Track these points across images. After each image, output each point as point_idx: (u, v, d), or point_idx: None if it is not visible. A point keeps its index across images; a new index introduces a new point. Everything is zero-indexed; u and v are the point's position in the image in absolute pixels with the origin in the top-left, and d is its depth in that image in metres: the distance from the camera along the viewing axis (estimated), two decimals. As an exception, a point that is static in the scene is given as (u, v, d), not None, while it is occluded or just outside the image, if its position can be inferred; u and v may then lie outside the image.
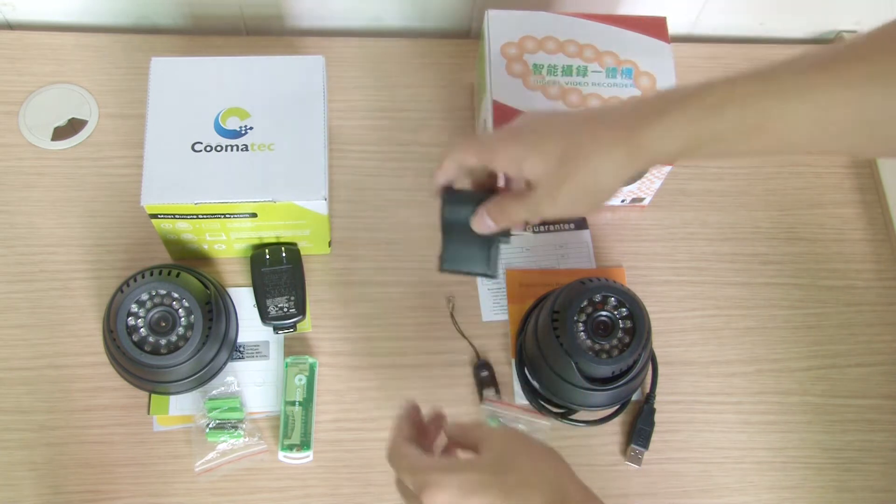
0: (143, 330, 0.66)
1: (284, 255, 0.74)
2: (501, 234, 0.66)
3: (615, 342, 0.68)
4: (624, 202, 0.81)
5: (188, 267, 0.71)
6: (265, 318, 0.73)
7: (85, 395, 0.72)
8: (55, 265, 0.76)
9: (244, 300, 0.75)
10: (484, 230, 0.61)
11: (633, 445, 0.73)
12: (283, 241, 0.75)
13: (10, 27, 0.88)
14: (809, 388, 0.77)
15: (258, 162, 0.68)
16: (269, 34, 0.90)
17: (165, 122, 0.69)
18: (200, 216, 0.68)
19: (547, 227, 0.80)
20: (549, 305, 0.71)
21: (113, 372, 0.71)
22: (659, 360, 0.76)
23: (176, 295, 0.67)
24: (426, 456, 0.54)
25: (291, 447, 0.69)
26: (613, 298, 0.68)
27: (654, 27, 0.76)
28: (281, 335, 0.74)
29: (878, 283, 0.82)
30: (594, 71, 0.74)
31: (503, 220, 0.60)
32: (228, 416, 0.70)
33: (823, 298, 0.81)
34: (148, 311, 0.67)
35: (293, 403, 0.70)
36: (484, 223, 0.61)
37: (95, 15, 0.87)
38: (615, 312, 0.68)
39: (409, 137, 0.84)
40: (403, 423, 0.57)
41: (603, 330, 0.68)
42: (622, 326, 0.68)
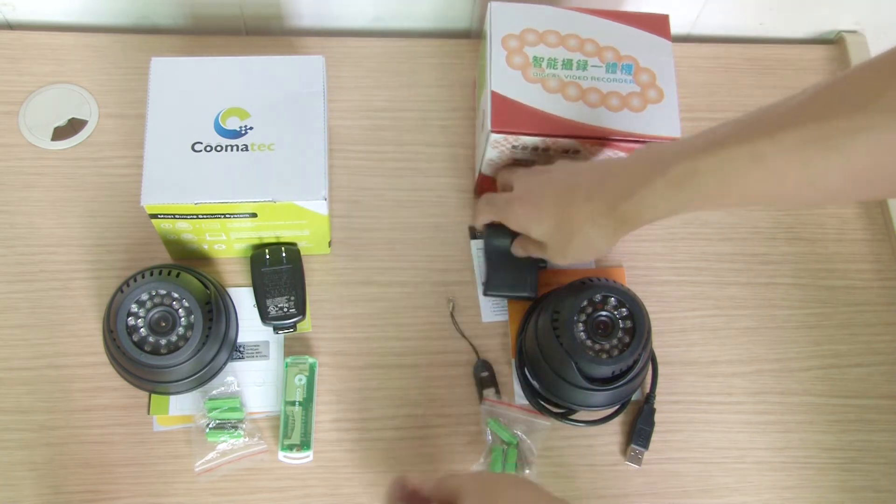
0: (143, 330, 0.66)
1: (284, 255, 0.74)
2: (539, 259, 0.71)
3: (615, 342, 0.68)
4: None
5: (188, 267, 0.71)
6: (265, 318, 0.73)
7: (85, 395, 0.72)
8: (55, 265, 0.76)
9: (244, 300, 0.75)
10: (519, 254, 0.74)
11: (633, 445, 0.73)
12: (283, 241, 0.75)
13: (10, 27, 0.88)
14: (809, 388, 0.77)
15: (258, 162, 0.68)
16: (269, 34, 0.90)
17: (165, 122, 0.69)
18: (200, 216, 0.68)
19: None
20: (549, 305, 0.71)
21: (113, 372, 0.71)
22: (659, 360, 0.76)
23: (176, 295, 0.67)
24: None
25: (291, 447, 0.69)
26: (613, 298, 0.68)
27: (656, 24, 0.76)
28: (281, 335, 0.74)
29: (878, 283, 0.82)
30: (594, 65, 0.74)
31: (521, 252, 0.74)
32: (228, 416, 0.70)
33: (823, 298, 0.81)
34: (148, 311, 0.67)
35: (293, 403, 0.70)
36: (516, 251, 0.74)
37: (95, 15, 0.87)
38: (615, 312, 0.68)
39: (409, 137, 0.84)
40: (394, 494, 0.60)
41: (603, 330, 0.68)
42: (622, 326, 0.68)
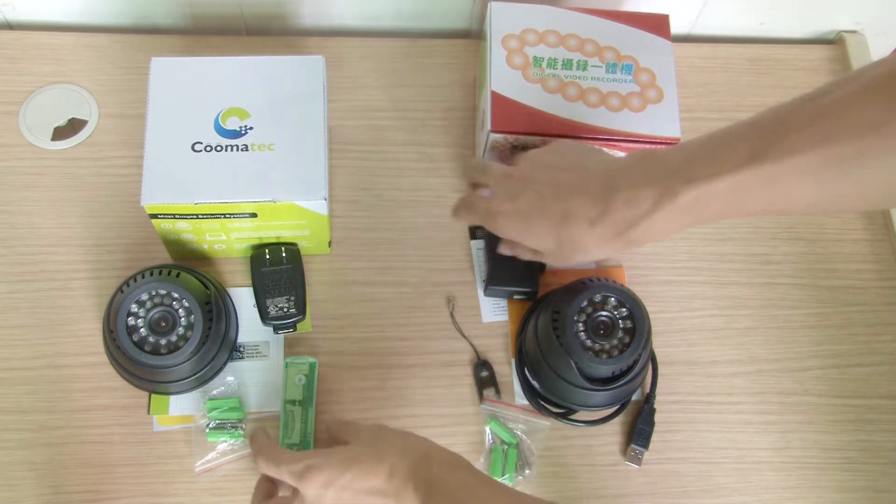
0: (143, 330, 0.66)
1: (284, 255, 0.74)
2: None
3: (615, 342, 0.68)
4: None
5: (188, 267, 0.71)
6: (265, 318, 0.73)
7: (85, 395, 0.72)
8: (55, 265, 0.76)
9: (244, 300, 0.75)
10: (507, 254, 0.69)
11: (633, 445, 0.73)
12: (283, 241, 0.75)
13: (10, 27, 0.88)
14: (809, 388, 0.77)
15: (258, 162, 0.68)
16: (269, 34, 0.89)
17: (165, 122, 0.69)
18: (200, 216, 0.68)
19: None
20: (549, 305, 0.71)
21: (113, 372, 0.71)
22: (659, 360, 0.76)
23: (176, 295, 0.67)
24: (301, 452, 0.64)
25: (291, 446, 0.69)
26: (613, 298, 0.68)
27: (656, 24, 0.76)
28: (281, 335, 0.74)
29: (878, 283, 0.82)
30: (594, 65, 0.74)
31: (512, 254, 0.69)
32: (228, 416, 0.70)
33: (823, 298, 0.81)
34: (148, 311, 0.67)
35: (293, 403, 0.70)
36: (503, 251, 0.70)
37: (95, 15, 0.87)
38: (615, 312, 0.68)
39: (409, 137, 0.84)
40: (259, 434, 0.66)
41: (603, 330, 0.68)
42: (622, 326, 0.68)
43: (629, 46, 0.75)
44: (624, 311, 0.68)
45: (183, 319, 0.67)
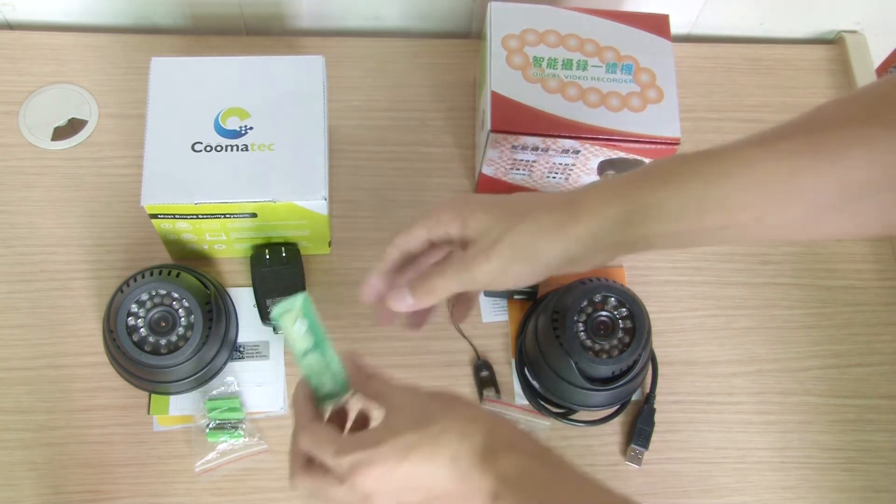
0: (143, 330, 0.66)
1: (284, 255, 0.74)
2: None
3: (615, 342, 0.68)
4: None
5: (188, 267, 0.71)
6: (265, 318, 0.73)
7: (85, 395, 0.72)
8: (55, 265, 0.76)
9: (244, 300, 0.75)
10: (401, 308, 0.55)
11: (633, 445, 0.73)
12: (283, 241, 0.75)
13: (10, 27, 0.88)
14: (809, 388, 0.77)
15: (258, 162, 0.68)
16: (269, 34, 0.89)
17: (165, 122, 0.69)
18: (200, 216, 0.68)
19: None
20: (549, 305, 0.71)
21: (113, 372, 0.71)
22: (659, 360, 0.76)
23: (176, 295, 0.67)
24: (341, 434, 0.52)
25: (327, 397, 0.58)
26: (613, 298, 0.68)
27: (656, 24, 0.76)
28: (281, 335, 0.74)
29: (878, 283, 0.82)
30: (594, 66, 0.74)
31: (427, 294, 0.55)
32: (228, 416, 0.70)
33: (823, 298, 0.81)
34: (148, 311, 0.67)
35: (306, 354, 0.58)
36: (402, 301, 0.55)
37: (95, 15, 0.87)
38: (615, 312, 0.68)
39: (409, 137, 0.84)
40: (302, 402, 0.54)
41: (603, 330, 0.68)
42: (622, 326, 0.68)
43: (629, 46, 0.75)
44: (624, 311, 0.68)
45: (183, 319, 0.67)
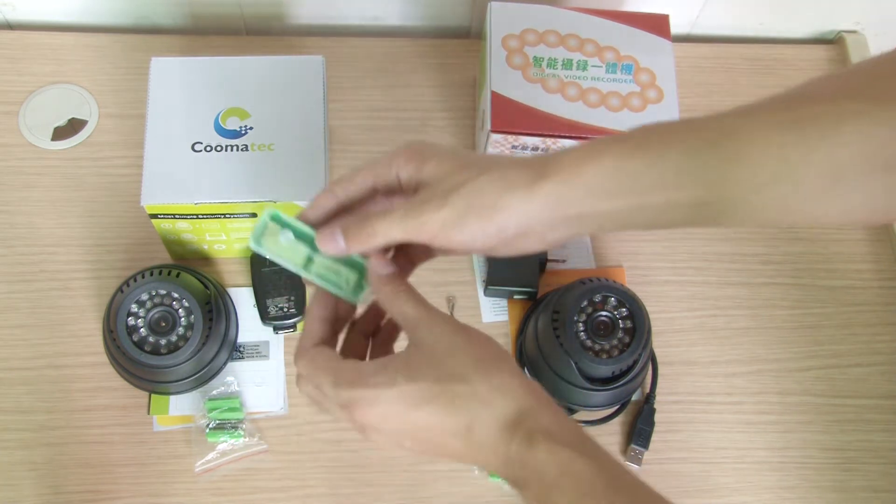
0: (143, 330, 0.66)
1: (284, 255, 0.74)
2: (540, 255, 0.71)
3: (615, 342, 0.68)
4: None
5: (188, 267, 0.71)
6: (265, 318, 0.73)
7: (85, 395, 0.72)
8: (55, 265, 0.76)
9: (244, 300, 0.75)
10: (331, 250, 0.48)
11: (633, 445, 0.73)
12: (283, 241, 0.75)
13: (10, 27, 0.88)
14: (809, 388, 0.77)
15: (258, 162, 0.68)
16: (269, 34, 0.89)
17: (165, 122, 0.69)
18: (200, 216, 0.68)
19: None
20: (549, 305, 0.71)
21: (113, 372, 0.71)
22: (659, 360, 0.76)
23: (176, 295, 0.67)
24: (347, 363, 0.47)
25: (359, 291, 0.51)
26: (613, 298, 0.68)
27: (656, 24, 0.76)
28: (281, 335, 0.74)
29: (878, 283, 0.82)
30: (594, 66, 0.74)
31: (365, 237, 0.47)
32: (228, 416, 0.70)
33: (823, 298, 0.81)
34: (148, 311, 0.67)
35: (309, 261, 0.50)
36: (332, 242, 0.48)
37: (95, 15, 0.87)
38: (615, 312, 0.68)
39: (409, 137, 0.84)
40: (310, 322, 0.49)
41: (603, 330, 0.68)
42: (622, 326, 0.68)
43: (629, 46, 0.75)
44: (624, 311, 0.68)
45: (183, 319, 0.67)
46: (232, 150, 0.68)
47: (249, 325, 0.74)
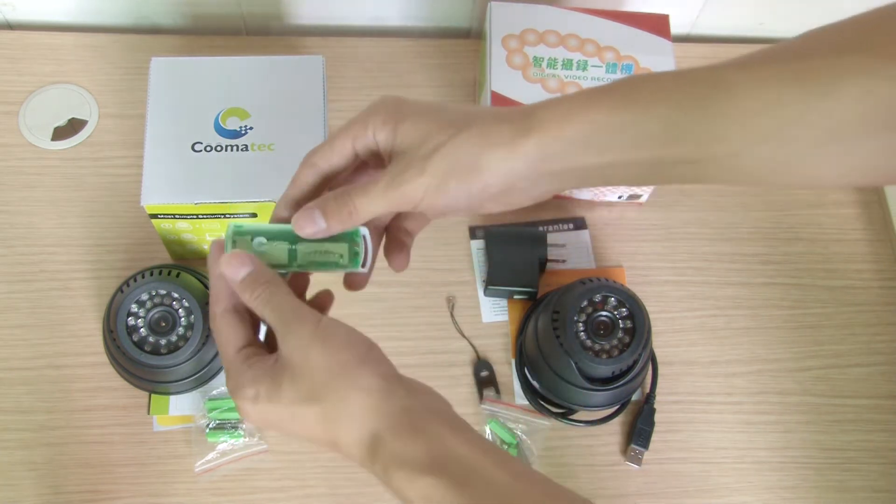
0: (143, 330, 0.66)
1: (284, 255, 0.74)
2: (541, 254, 0.71)
3: (615, 342, 0.68)
4: (621, 198, 0.81)
5: (188, 267, 0.71)
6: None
7: (85, 395, 0.72)
8: (55, 265, 0.76)
9: (244, 300, 0.75)
10: (309, 233, 0.46)
11: (633, 445, 0.73)
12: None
13: (10, 27, 0.88)
14: (809, 388, 0.77)
15: (258, 162, 0.68)
16: (269, 34, 0.89)
17: (165, 122, 0.69)
18: (200, 216, 0.68)
19: (546, 226, 0.80)
20: (549, 305, 0.71)
21: (113, 372, 0.71)
22: (659, 360, 0.76)
23: (176, 295, 0.67)
24: (235, 357, 0.45)
25: (356, 258, 0.49)
26: (613, 298, 0.68)
27: (656, 24, 0.76)
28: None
29: (878, 283, 0.82)
30: (594, 66, 0.74)
31: (345, 216, 0.46)
32: (228, 416, 0.70)
33: (823, 298, 0.81)
34: (148, 311, 0.67)
35: (293, 262, 0.48)
36: (311, 223, 0.46)
37: (95, 15, 0.87)
38: (615, 312, 0.68)
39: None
40: (219, 286, 0.46)
41: (603, 330, 0.68)
42: (622, 326, 0.68)
43: (629, 46, 0.75)
44: (624, 311, 0.68)
45: (183, 319, 0.67)
46: (232, 150, 0.68)
47: (249, 325, 0.74)
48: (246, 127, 0.69)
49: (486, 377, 0.74)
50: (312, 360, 0.43)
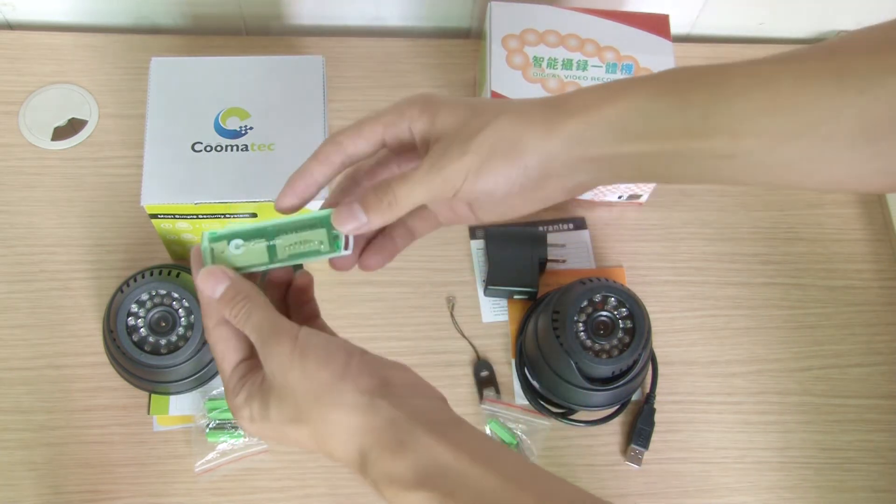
0: (143, 330, 0.66)
1: (284, 255, 0.74)
2: (540, 254, 0.71)
3: (615, 342, 0.68)
4: (621, 198, 0.81)
5: (188, 267, 0.71)
6: (265, 318, 0.73)
7: (85, 395, 0.72)
8: (55, 265, 0.76)
9: (244, 300, 0.75)
10: (350, 229, 0.45)
11: (633, 445, 0.73)
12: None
13: (10, 27, 0.88)
14: (809, 388, 0.77)
15: (258, 162, 0.68)
16: (269, 34, 0.89)
17: (165, 122, 0.69)
18: (200, 216, 0.68)
19: (547, 226, 0.80)
20: (549, 305, 0.71)
21: (113, 372, 0.71)
22: (659, 360, 0.76)
23: (176, 295, 0.67)
24: (231, 372, 0.46)
25: (337, 241, 0.47)
26: (613, 298, 0.68)
27: (656, 24, 0.76)
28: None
29: (878, 283, 0.82)
30: (594, 66, 0.74)
31: (386, 207, 0.44)
32: (228, 416, 0.70)
33: (823, 298, 0.81)
34: (148, 311, 0.67)
35: (274, 258, 0.48)
36: (353, 219, 0.45)
37: (95, 15, 0.87)
38: (615, 312, 0.68)
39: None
40: (207, 299, 0.45)
41: (603, 330, 0.68)
42: (622, 326, 0.68)
43: (629, 46, 0.75)
44: (624, 311, 0.68)
45: (183, 319, 0.67)
46: (232, 150, 0.68)
47: (249, 325, 0.74)
48: (246, 127, 0.69)
49: (486, 377, 0.74)
50: (292, 383, 0.43)
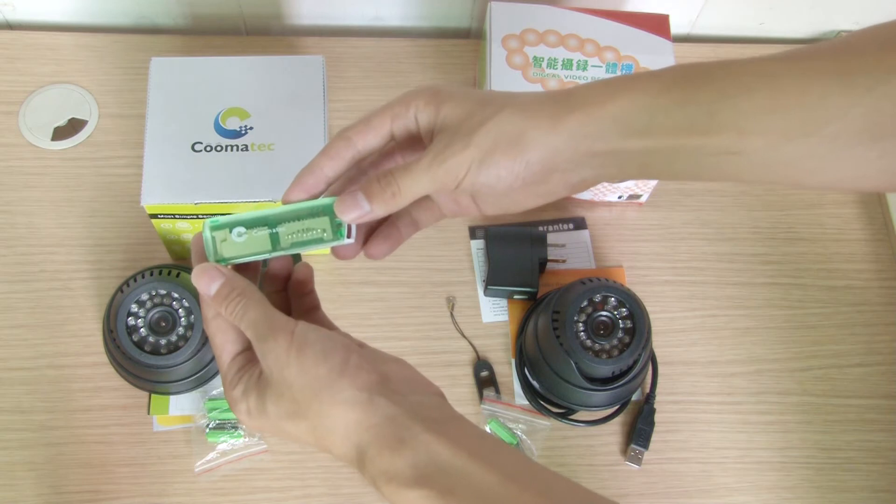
0: (143, 330, 0.66)
1: (284, 255, 0.74)
2: (540, 254, 0.71)
3: (615, 342, 0.68)
4: (621, 198, 0.81)
5: (188, 267, 0.71)
6: (265, 318, 0.73)
7: (85, 395, 0.72)
8: (55, 265, 0.76)
9: (244, 300, 0.75)
10: (353, 217, 0.45)
11: (633, 445, 0.73)
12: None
13: (10, 27, 0.88)
14: (809, 388, 0.77)
15: (258, 162, 0.68)
16: (269, 34, 0.90)
17: (165, 122, 0.69)
18: (200, 216, 0.68)
19: (546, 226, 0.80)
20: (549, 305, 0.71)
21: (113, 372, 0.71)
22: (659, 360, 0.76)
23: (176, 295, 0.67)
24: (227, 368, 0.46)
25: (341, 228, 0.46)
26: (613, 298, 0.68)
27: (656, 24, 0.76)
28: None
29: (878, 283, 0.82)
30: (594, 66, 0.74)
31: (389, 197, 0.44)
32: (228, 416, 0.70)
33: (823, 298, 0.81)
34: (148, 311, 0.67)
35: (277, 246, 0.47)
36: (356, 208, 0.45)
37: (95, 15, 0.87)
38: (615, 312, 0.68)
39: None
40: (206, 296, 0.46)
41: (603, 330, 0.68)
42: (622, 326, 0.68)
43: (629, 46, 0.75)
44: (624, 311, 0.68)
45: (183, 319, 0.67)
46: (232, 150, 0.68)
47: (249, 325, 0.74)
48: (246, 127, 0.69)
49: (486, 377, 0.74)
50: (290, 378, 0.43)
